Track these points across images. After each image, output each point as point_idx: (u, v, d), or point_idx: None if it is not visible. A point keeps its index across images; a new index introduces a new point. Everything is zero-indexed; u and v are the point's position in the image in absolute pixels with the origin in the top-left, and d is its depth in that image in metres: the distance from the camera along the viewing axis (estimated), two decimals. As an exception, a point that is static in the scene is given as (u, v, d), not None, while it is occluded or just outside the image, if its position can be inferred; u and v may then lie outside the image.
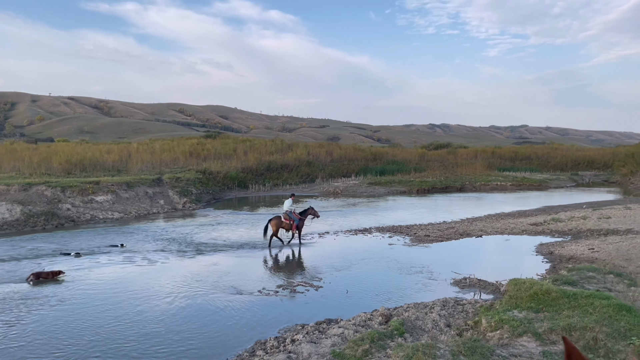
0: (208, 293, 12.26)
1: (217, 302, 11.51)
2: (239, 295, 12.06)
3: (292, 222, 18.51)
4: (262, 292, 12.28)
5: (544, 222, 22.62)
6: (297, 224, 18.56)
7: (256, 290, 12.43)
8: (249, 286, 12.87)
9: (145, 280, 13.57)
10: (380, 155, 58.05)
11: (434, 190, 42.08)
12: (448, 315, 9.49)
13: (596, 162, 62.30)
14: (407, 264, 15.27)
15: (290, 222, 18.51)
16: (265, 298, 11.86)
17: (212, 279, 13.62)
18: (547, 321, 7.68)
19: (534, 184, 47.18)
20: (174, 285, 12.90)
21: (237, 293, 12.26)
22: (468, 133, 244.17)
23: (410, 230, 21.55)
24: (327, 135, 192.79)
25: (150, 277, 13.92)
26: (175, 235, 20.44)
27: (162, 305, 11.29)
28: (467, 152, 67.60)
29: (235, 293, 12.26)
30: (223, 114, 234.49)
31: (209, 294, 12.15)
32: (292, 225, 18.55)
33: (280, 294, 12.15)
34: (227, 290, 12.47)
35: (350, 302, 11.57)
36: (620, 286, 10.55)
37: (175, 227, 22.73)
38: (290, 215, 18.59)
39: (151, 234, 20.72)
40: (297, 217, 18.60)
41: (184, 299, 11.74)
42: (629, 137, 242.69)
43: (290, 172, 45.95)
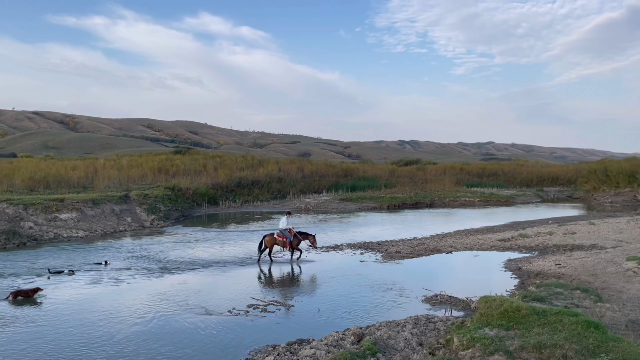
0: (176, 313, 11.93)
1: (186, 323, 11.21)
2: (208, 316, 11.77)
3: (285, 239, 18.33)
4: (232, 312, 12.03)
5: (512, 238, 23.00)
6: (290, 241, 18.34)
7: (226, 310, 12.16)
8: (219, 306, 12.59)
9: (111, 300, 13.14)
10: (351, 171, 58.36)
11: (404, 206, 42.44)
12: (420, 333, 9.46)
13: (560, 178, 64.06)
14: (379, 281, 15.25)
15: (284, 240, 18.34)
16: (235, 318, 11.61)
17: (181, 298, 13.29)
18: (518, 339, 7.73)
19: (501, 200, 48.14)
20: (141, 306, 12.52)
21: (206, 313, 11.97)
22: (437, 149, 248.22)
23: (381, 246, 21.60)
24: (298, 151, 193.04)
25: (116, 297, 13.49)
26: (143, 253, 19.94)
27: (128, 326, 10.92)
28: (436, 168, 68.64)
29: (204, 313, 11.97)
30: (193, 129, 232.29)
31: (177, 315, 11.83)
32: (286, 242, 18.36)
33: (250, 314, 11.92)
34: (196, 311, 12.17)
35: (322, 321, 11.43)
36: (587, 302, 10.75)
37: (142, 245, 22.20)
38: (284, 232, 18.40)
39: (118, 252, 20.17)
40: (290, 235, 18.37)
41: (151, 320, 11.39)
42: (590, 153, 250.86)
43: (261, 188, 45.69)
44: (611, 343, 7.31)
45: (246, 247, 21.51)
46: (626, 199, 48.96)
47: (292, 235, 18.44)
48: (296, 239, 18.49)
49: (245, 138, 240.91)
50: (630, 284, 12.92)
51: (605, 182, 52.42)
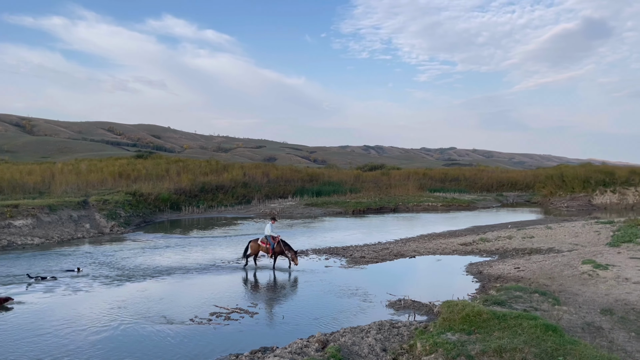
0: (136, 323, 11.60)
1: (146, 333, 10.90)
2: (169, 325, 11.49)
3: (268, 245, 18.09)
4: (194, 321, 11.78)
5: (473, 242, 23.47)
6: (272, 248, 18.04)
7: (188, 319, 11.90)
8: (181, 314, 12.32)
9: (68, 309, 12.67)
10: (317, 176, 58.46)
11: (369, 211, 42.76)
12: (384, 339, 9.49)
13: (519, 183, 65.97)
14: (344, 286, 15.26)
15: (267, 246, 18.11)
16: (197, 327, 11.38)
17: (141, 307, 12.94)
18: (479, 343, 7.85)
19: (462, 205, 49.15)
20: (99, 315, 12.12)
21: (167, 322, 11.68)
22: (401, 155, 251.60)
23: (346, 251, 21.66)
24: (264, 155, 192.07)
25: (73, 306, 13.02)
26: (102, 260, 19.36)
27: (85, 337, 10.54)
28: (400, 173, 69.54)
29: (165, 322, 11.68)
30: (155, 133, 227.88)
31: (137, 324, 11.49)
32: (269, 249, 18.10)
33: (213, 322, 11.70)
34: (157, 320, 11.86)
35: (286, 329, 11.34)
36: (545, 305, 11.03)
37: (101, 252, 21.56)
38: (268, 239, 18.15)
39: (75, 260, 19.50)
40: (273, 242, 18.08)
41: (109, 330, 11.03)
42: (547, 159, 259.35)
43: (226, 193, 45.20)
44: (568, 346, 7.51)
45: (210, 254, 21.19)
46: (581, 203, 50.80)
47: (276, 242, 18.13)
48: (279, 246, 18.16)
49: (210, 142, 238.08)
50: (586, 287, 13.35)
51: (561, 187, 54.27)
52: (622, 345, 8.69)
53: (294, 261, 17.98)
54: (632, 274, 14.13)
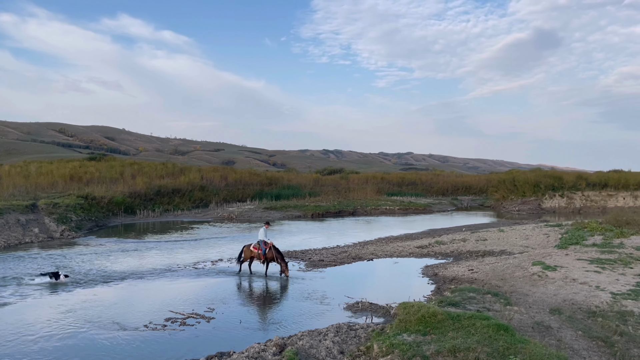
0: (87, 329, 11.20)
1: (97, 339, 10.54)
2: (122, 331, 11.15)
3: (259, 250, 17.56)
4: (149, 327, 11.48)
5: (429, 245, 23.93)
6: (264, 254, 17.45)
7: (142, 325, 11.59)
8: (134, 320, 11.98)
9: (15, 316, 12.10)
10: (276, 180, 58.26)
11: (328, 215, 42.93)
12: (341, 341, 9.53)
13: (473, 187, 67.74)
14: (302, 289, 15.24)
15: (259, 252, 17.56)
16: (152, 333, 11.09)
17: (92, 313, 12.51)
18: (434, 344, 7.99)
19: (419, 208, 50.06)
20: (48, 322, 11.64)
21: (120, 329, 11.34)
22: (359, 159, 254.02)
23: (304, 255, 21.65)
24: (222, 159, 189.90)
25: (20, 313, 12.44)
26: (50, 266, 18.60)
27: (32, 344, 10.09)
28: (358, 177, 70.15)
29: (118, 329, 11.33)
30: (109, 135, 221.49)
31: (88, 331, 11.10)
32: (260, 255, 17.53)
33: (168, 328, 11.44)
34: (109, 326, 11.49)
35: (244, 333, 11.21)
36: (497, 305, 11.36)
37: (50, 257, 20.72)
38: (260, 244, 17.59)
39: (22, 265, 18.66)
40: (265, 247, 17.49)
41: (58, 337, 10.60)
42: (500, 164, 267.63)
43: (183, 196, 44.39)
44: (519, 345, 7.74)
45: (166, 258, 20.74)
46: (532, 207, 52.69)
47: (268, 247, 17.53)
48: (270, 252, 17.44)
49: (167, 145, 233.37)
50: (536, 287, 13.84)
51: (513, 192, 56.14)
52: (569, 343, 9.04)
53: (284, 272, 17.32)
54: (579, 275, 14.75)
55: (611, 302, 11.73)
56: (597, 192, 54.37)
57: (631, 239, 21.20)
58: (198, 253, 22.30)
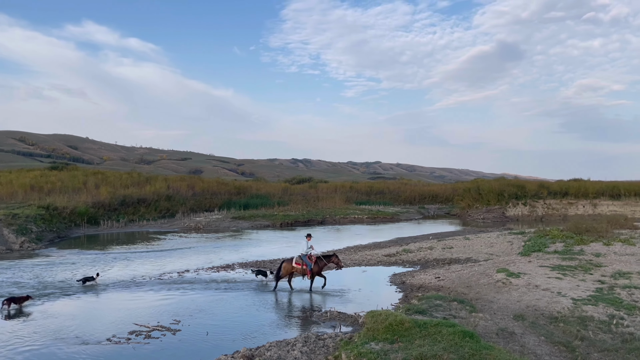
0: (47, 344, 10.81)
1: (58, 355, 10.20)
2: (84, 345, 10.82)
3: (305, 266, 16.26)
4: (112, 340, 11.17)
5: (397, 253, 24.14)
6: (310, 268, 16.21)
7: (104, 339, 11.26)
8: (97, 334, 11.64)
9: (-34, 335, 11.59)
10: (245, 189, 57.87)
11: (297, 224, 42.84)
12: (310, 351, 9.49)
13: (439, 196, 68.84)
14: (270, 299, 15.14)
15: (303, 267, 16.26)
16: (115, 347, 10.79)
17: (53, 327, 12.11)
18: (402, 352, 8.05)
19: (387, 217, 50.53)
20: (5, 336, 11.20)
21: (82, 343, 10.99)
22: (328, 168, 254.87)
23: (273, 265, 21.49)
24: (190, 168, 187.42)
25: (-28, 331, 11.92)
26: (8, 278, 17.93)
27: (-14, 365, 9.69)
28: (327, 186, 70.35)
29: (80, 343, 10.98)
30: (72, 143, 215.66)
31: (48, 346, 10.72)
32: (306, 270, 16.26)
33: (132, 341, 11.15)
34: (71, 340, 11.13)
35: (210, 345, 11.03)
36: (463, 313, 11.54)
37: (9, 269, 19.96)
38: (303, 259, 16.32)
39: (-23, 279, 17.91)
40: (310, 262, 16.26)
41: (17, 352, 10.20)
42: (465, 173, 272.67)
43: (148, 206, 43.56)
44: (484, 351, 7.87)
45: (131, 270, 20.27)
46: (496, 215, 53.84)
47: (313, 261, 16.31)
48: (317, 266, 16.30)
49: (132, 154, 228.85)
50: (500, 294, 14.12)
51: (478, 200, 57.25)
52: (532, 349, 9.24)
53: (338, 265, 16.53)
54: (541, 281, 15.13)
55: (572, 308, 12.07)
56: (558, 201, 55.98)
57: (591, 245, 21.89)
58: (164, 264, 21.88)
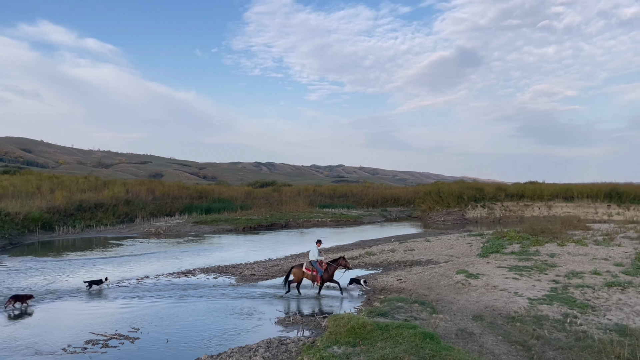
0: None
1: (8, 369, 9.78)
2: (38, 356, 10.42)
3: (315, 272, 16.17)
4: (67, 350, 10.80)
5: (360, 256, 24.32)
6: (321, 275, 16.12)
7: (59, 349, 10.88)
8: (51, 343, 11.22)
9: None
10: (206, 193, 57.12)
11: (260, 228, 42.57)
12: (272, 356, 9.43)
13: (401, 199, 69.81)
14: (233, 305, 14.96)
15: (314, 273, 16.16)
16: (71, 357, 10.43)
17: (4, 336, 11.63)
18: (364, 355, 8.10)
19: (350, 220, 50.86)
20: (-51, 353, 10.65)
21: (35, 353, 10.58)
22: (292, 171, 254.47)
23: (235, 269, 21.30)
24: (150, 171, 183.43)
25: None
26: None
27: None
28: (291, 190, 70.28)
29: (33, 353, 10.57)
30: (26, 146, 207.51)
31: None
32: (317, 276, 16.17)
33: (89, 351, 10.81)
34: (23, 351, 10.70)
35: (170, 353, 10.81)
36: (424, 314, 11.71)
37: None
38: (314, 265, 16.24)
39: None
40: (321, 268, 16.15)
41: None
42: (426, 176, 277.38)
43: (106, 211, 42.40)
44: (444, 352, 8.01)
45: (86, 276, 19.63)
46: (456, 217, 54.98)
47: (324, 268, 16.21)
48: (327, 273, 16.23)
49: (89, 157, 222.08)
50: (460, 295, 14.40)
51: (438, 203, 58.31)
52: (490, 348, 9.46)
53: (346, 266, 16.44)
54: (499, 282, 15.52)
55: (528, 307, 12.43)
56: (515, 203, 57.66)
57: (545, 246, 22.62)
58: (122, 270, 21.33)
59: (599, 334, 10.23)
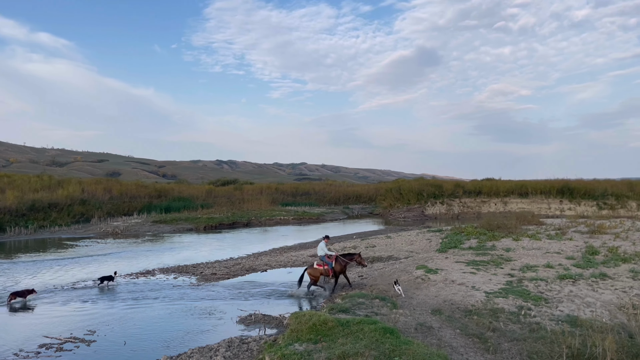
0: (-59, 366, 9.88)
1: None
2: (-14, 364, 10.00)
3: (326, 266, 16.30)
4: (20, 355, 10.40)
5: (322, 254, 24.39)
6: (331, 267, 16.26)
7: (11, 354, 10.47)
8: (2, 349, 10.78)
9: None
10: (166, 192, 56.06)
11: (221, 227, 42.11)
12: (233, 356, 9.36)
13: (363, 196, 70.52)
14: (194, 305, 14.76)
15: (325, 267, 16.30)
16: (22, 363, 10.06)
17: (-51, 347, 11.07)
18: (325, 351, 8.15)
19: (313, 218, 50.97)
20: None
21: (-17, 361, 10.16)
22: (254, 170, 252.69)
23: (196, 269, 21.02)
24: (107, 170, 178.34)
25: None
26: None
27: None
28: (253, 188, 69.82)
29: (-20, 361, 10.14)
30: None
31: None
32: (328, 270, 16.28)
33: (42, 355, 10.45)
34: (-30, 359, 10.24)
35: (128, 355, 10.57)
36: (384, 309, 11.87)
37: None
38: (323, 259, 16.42)
39: None
40: (330, 262, 16.31)
41: None
42: (387, 174, 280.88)
43: (61, 211, 41.01)
44: (404, 346, 8.15)
45: (40, 279, 18.99)
46: (416, 214, 55.96)
47: (333, 260, 16.41)
48: (338, 265, 16.36)
49: (42, 156, 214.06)
50: (419, 290, 14.68)
51: (399, 200, 59.21)
52: (449, 341, 9.69)
53: (361, 263, 16.57)
54: (457, 277, 15.91)
55: (485, 301, 12.79)
56: (472, 199, 59.16)
57: (501, 241, 23.33)
58: (78, 272, 20.71)
59: (552, 325, 10.63)
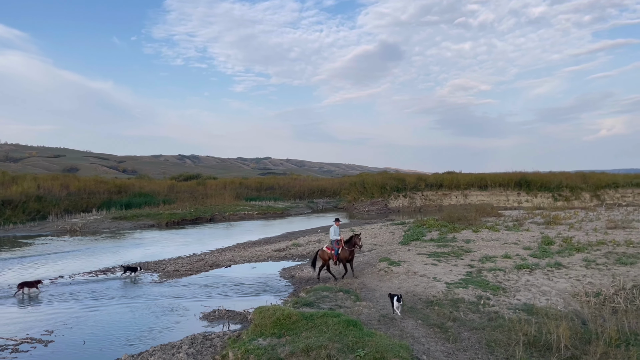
0: None
1: None
2: None
3: (332, 251, 16.37)
4: (-29, 360, 10.03)
5: (287, 248, 24.43)
6: (336, 254, 16.28)
7: (-38, 358, 10.08)
8: (-49, 354, 10.35)
9: None
10: (126, 188, 54.90)
11: (184, 222, 41.54)
12: (196, 352, 9.28)
13: (327, 190, 70.81)
14: (155, 302, 14.52)
15: (331, 252, 16.36)
16: (-26, 366, 9.70)
17: None
18: (289, 345, 8.17)
19: (277, 212, 50.90)
20: None
21: None
22: (217, 164, 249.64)
23: (158, 266, 20.68)
24: (64, 166, 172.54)
25: None
26: None
27: None
28: (216, 183, 69.10)
29: None
30: None
31: None
32: (333, 256, 16.36)
33: (-4, 358, 10.10)
34: None
35: (88, 355, 10.33)
36: (348, 302, 12.00)
37: None
38: (332, 244, 16.46)
39: None
40: (337, 247, 16.31)
41: None
42: (352, 168, 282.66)
43: (15, 208, 39.59)
44: (367, 338, 8.26)
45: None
46: (379, 207, 56.61)
47: (340, 247, 16.31)
48: (344, 251, 16.28)
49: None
50: (382, 282, 14.89)
51: (363, 193, 59.79)
52: (411, 332, 9.88)
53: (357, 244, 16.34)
54: (419, 268, 16.21)
55: (446, 291, 13.09)
56: (434, 192, 60.29)
57: (462, 233, 23.88)
58: (33, 271, 20.04)
59: (509, 313, 10.99)
